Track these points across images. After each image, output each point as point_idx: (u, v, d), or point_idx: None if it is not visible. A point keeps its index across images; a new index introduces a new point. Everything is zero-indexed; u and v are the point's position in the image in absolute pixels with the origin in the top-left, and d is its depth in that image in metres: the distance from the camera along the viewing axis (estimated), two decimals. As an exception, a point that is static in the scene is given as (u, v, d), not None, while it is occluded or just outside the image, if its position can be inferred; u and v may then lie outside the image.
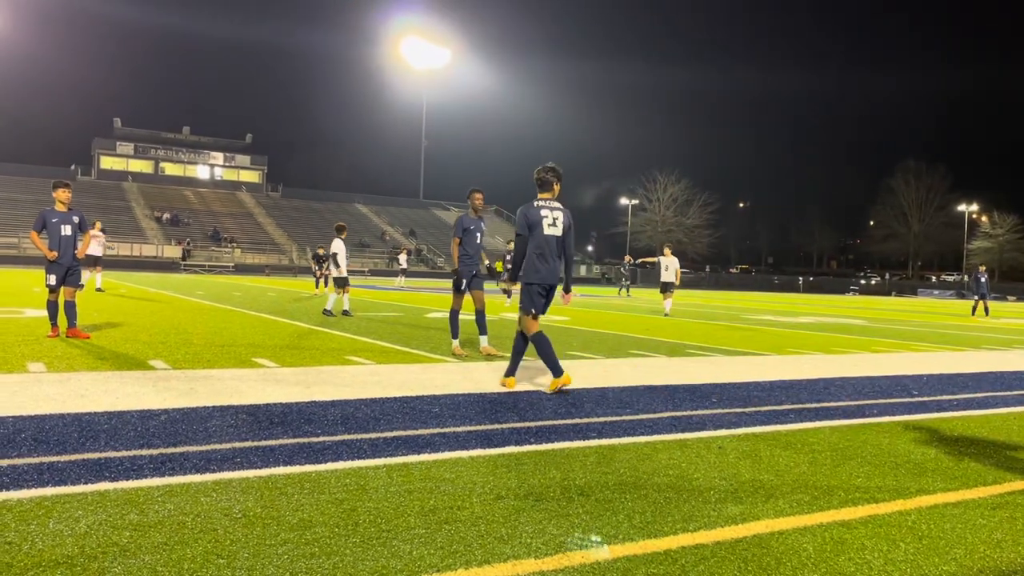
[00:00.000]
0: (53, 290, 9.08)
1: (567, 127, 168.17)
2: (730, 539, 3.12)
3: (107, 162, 78.06)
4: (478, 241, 9.04)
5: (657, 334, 13.23)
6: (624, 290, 35.86)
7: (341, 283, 14.67)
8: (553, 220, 6.48)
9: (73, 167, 76.83)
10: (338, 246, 14.77)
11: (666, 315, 18.99)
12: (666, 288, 19.59)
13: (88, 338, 9.02)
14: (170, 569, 2.61)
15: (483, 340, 9.05)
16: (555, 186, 6.62)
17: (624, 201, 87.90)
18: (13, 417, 4.71)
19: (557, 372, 6.34)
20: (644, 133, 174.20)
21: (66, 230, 9.11)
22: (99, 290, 20.18)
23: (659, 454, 4.51)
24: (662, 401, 6.31)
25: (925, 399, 7.03)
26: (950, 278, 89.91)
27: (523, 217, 6.49)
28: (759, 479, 4.05)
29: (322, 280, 24.62)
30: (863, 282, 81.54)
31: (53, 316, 9.11)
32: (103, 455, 3.96)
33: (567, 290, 6.83)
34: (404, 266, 39.04)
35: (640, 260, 46.37)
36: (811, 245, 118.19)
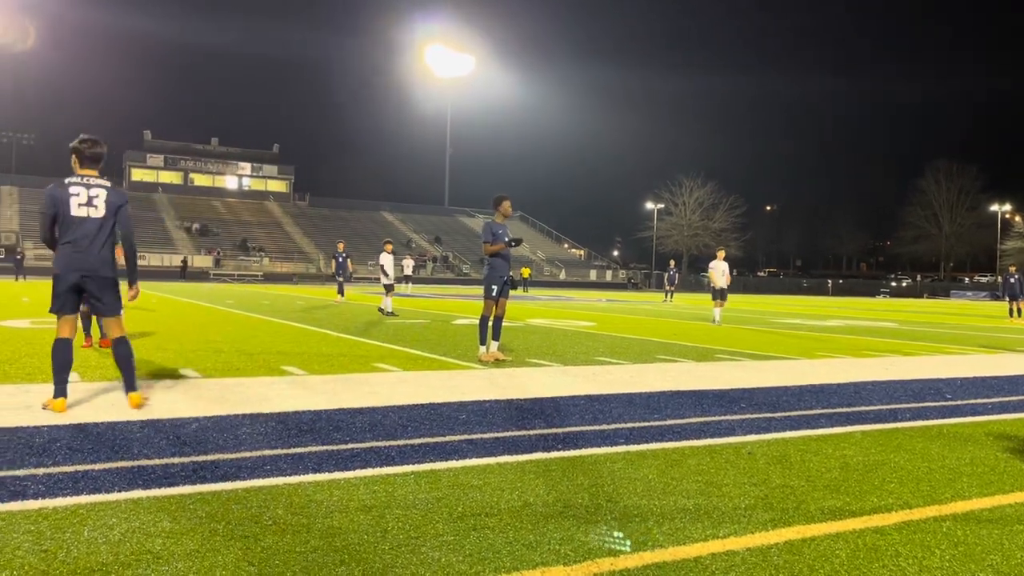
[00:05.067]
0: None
1: (591, 132, 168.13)
2: (761, 546, 3.09)
3: (138, 174, 79.40)
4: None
5: (684, 339, 13.15)
6: (668, 295, 35.69)
7: (388, 289, 18.10)
8: None
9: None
10: (385, 259, 18.41)
11: (715, 323, 17.45)
12: (719, 295, 18.02)
13: None
14: (202, 576, 2.64)
15: (494, 345, 9.08)
16: None
17: (649, 205, 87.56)
18: (48, 426, 4.79)
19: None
20: (669, 137, 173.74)
21: None
22: None
23: (687, 460, 4.48)
24: (690, 406, 6.27)
25: (959, 403, 6.92)
26: (983, 279, 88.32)
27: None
28: (790, 484, 4.01)
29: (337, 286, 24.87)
30: (894, 284, 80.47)
31: (85, 327, 9.26)
32: (136, 463, 4.01)
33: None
34: (409, 273, 39.18)
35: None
36: (840, 247, 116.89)
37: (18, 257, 43.22)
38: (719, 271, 18.10)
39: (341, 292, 24.65)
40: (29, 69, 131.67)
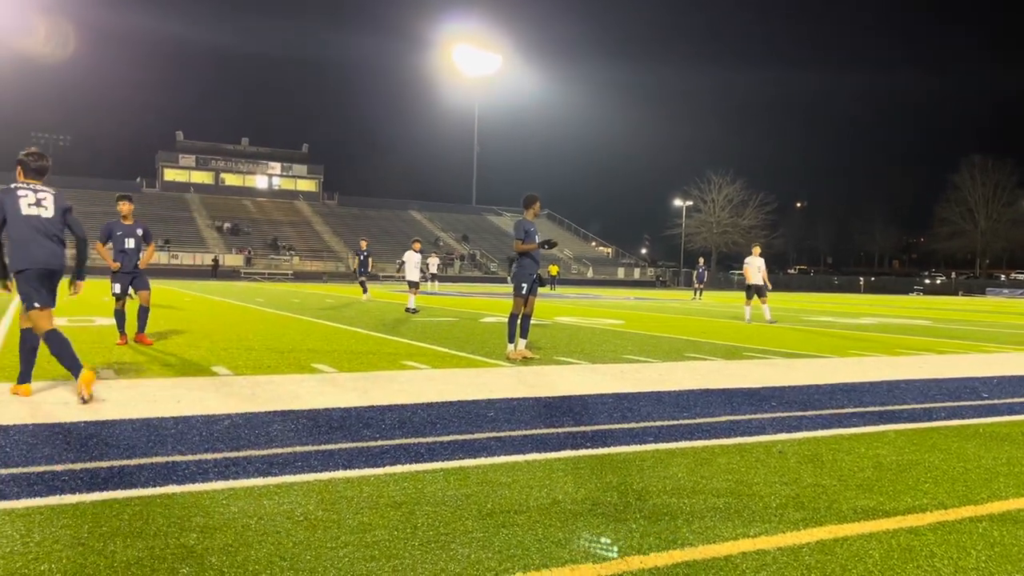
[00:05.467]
0: (119, 299, 9.40)
1: (619, 129, 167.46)
2: (792, 545, 3.06)
3: (170, 174, 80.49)
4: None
5: (714, 337, 13.06)
6: (697, 294, 35.45)
7: (413, 286, 18.50)
8: None
9: (139, 180, 79.42)
10: (409, 256, 18.70)
11: (770, 322, 17.03)
12: (755, 292, 17.48)
13: (151, 344, 9.30)
14: (235, 571, 2.68)
15: (522, 343, 9.10)
16: None
17: (678, 203, 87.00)
18: (86, 422, 4.88)
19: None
20: (698, 133, 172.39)
21: (129, 243, 9.44)
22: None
23: (717, 458, 4.45)
24: (720, 405, 6.23)
25: (996, 402, 6.79)
26: (1021, 276, 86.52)
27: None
28: (822, 484, 3.97)
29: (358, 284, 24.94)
30: (927, 282, 79.08)
31: (120, 324, 9.42)
32: (170, 459, 4.08)
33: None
34: (435, 271, 39.38)
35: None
36: (872, 244, 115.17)
37: None
38: (754, 267, 17.65)
39: (365, 290, 24.76)
40: (65, 73, 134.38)
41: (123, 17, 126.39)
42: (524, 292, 8.99)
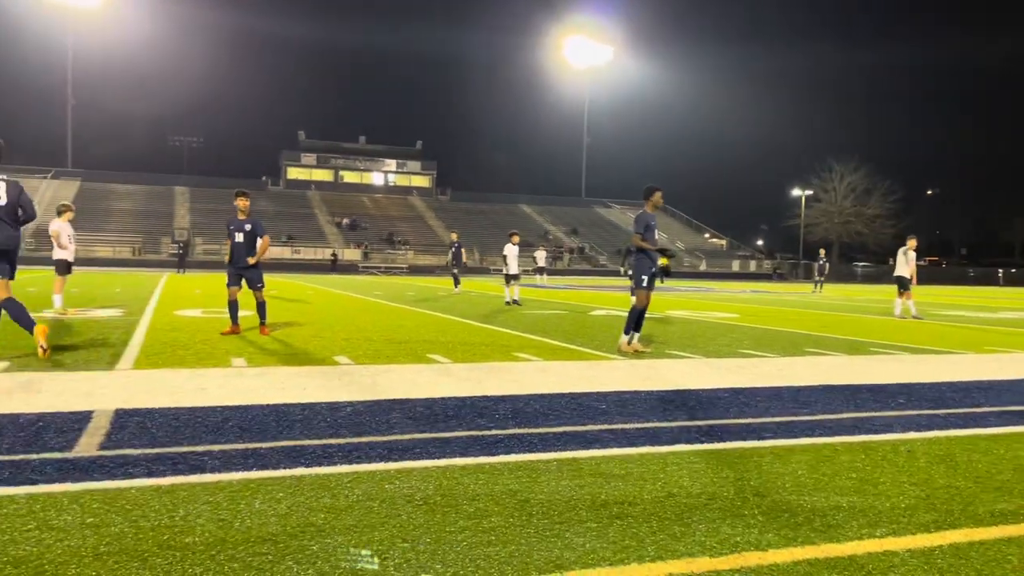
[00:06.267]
0: (229, 289, 9.99)
1: (733, 117, 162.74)
2: (923, 548, 2.93)
3: (293, 172, 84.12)
4: (655, 237, 9.02)
5: (835, 331, 12.54)
6: (818, 287, 34.19)
7: (512, 279, 18.36)
8: None
9: (264, 178, 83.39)
10: (509, 249, 18.68)
11: (916, 317, 16.18)
12: (903, 284, 16.46)
13: (268, 334, 9.74)
14: (361, 550, 2.80)
15: (635, 336, 8.98)
16: None
17: (796, 192, 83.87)
18: (222, 407, 5.21)
19: None
20: (818, 119, 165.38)
21: (238, 236, 9.97)
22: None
23: (840, 456, 4.30)
24: (842, 401, 5.99)
25: None
26: None
27: None
28: (955, 485, 3.76)
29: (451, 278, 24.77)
30: (1077, 273, 72.97)
31: (232, 314, 9.96)
32: (298, 443, 4.30)
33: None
34: (542, 264, 39.41)
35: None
36: (1011, 234, 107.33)
37: (180, 251, 47.01)
38: (905, 259, 16.62)
39: (457, 283, 24.53)
40: (196, 79, 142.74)
41: (250, 24, 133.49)
42: (646, 284, 8.91)
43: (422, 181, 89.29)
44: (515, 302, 17.90)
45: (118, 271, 43.31)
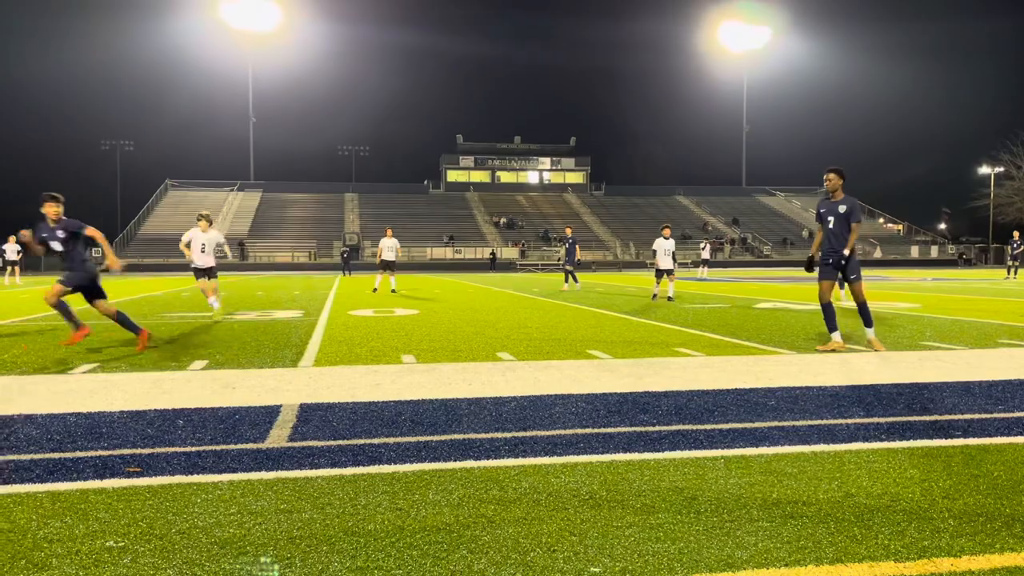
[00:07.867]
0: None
1: (907, 94, 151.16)
2: None
3: (452, 175, 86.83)
4: (830, 226, 8.41)
5: (1034, 321, 11.40)
6: (1012, 272, 31.37)
7: (660, 274, 18.08)
8: None
9: (425, 182, 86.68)
10: (659, 243, 18.18)
11: None
12: None
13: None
14: (530, 542, 2.87)
15: (869, 332, 8.28)
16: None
17: (984, 170, 76.86)
18: (395, 401, 5.49)
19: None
20: (1007, 91, 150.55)
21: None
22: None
23: (1044, 458, 3.92)
24: (1045, 397, 5.45)
25: None
26: None
27: None
28: None
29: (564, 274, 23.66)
30: None
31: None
32: (466, 436, 4.46)
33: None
34: (707, 257, 38.29)
35: None
36: None
37: (345, 255, 49.75)
38: None
39: (568, 280, 23.31)
40: (362, 92, 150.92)
41: (409, 41, 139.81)
42: (819, 277, 8.42)
43: (576, 177, 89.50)
44: (668, 298, 17.43)
45: (296, 275, 46.52)
